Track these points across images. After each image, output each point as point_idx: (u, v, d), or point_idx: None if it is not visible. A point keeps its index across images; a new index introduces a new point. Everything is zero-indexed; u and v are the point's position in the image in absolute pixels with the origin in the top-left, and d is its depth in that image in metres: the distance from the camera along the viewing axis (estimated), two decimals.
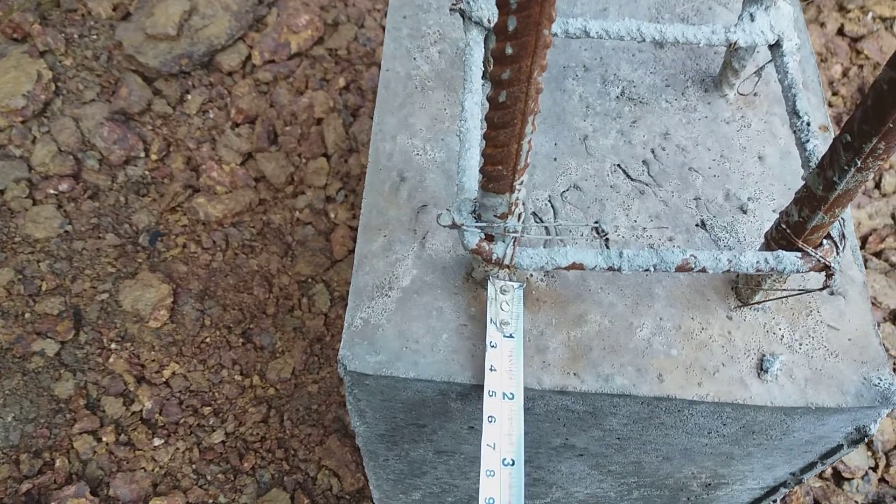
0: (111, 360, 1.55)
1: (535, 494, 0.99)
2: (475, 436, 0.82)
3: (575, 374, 0.71)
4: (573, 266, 0.66)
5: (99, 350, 1.56)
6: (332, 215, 1.76)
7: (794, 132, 0.73)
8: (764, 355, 0.72)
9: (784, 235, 0.66)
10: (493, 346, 0.69)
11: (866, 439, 0.75)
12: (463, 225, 0.67)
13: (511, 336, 0.70)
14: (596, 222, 0.79)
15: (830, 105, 1.91)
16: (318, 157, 1.82)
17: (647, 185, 0.81)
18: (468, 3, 0.78)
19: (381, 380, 0.71)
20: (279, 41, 1.92)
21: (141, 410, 1.50)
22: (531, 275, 0.76)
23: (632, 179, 0.81)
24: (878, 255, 1.72)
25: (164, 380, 1.53)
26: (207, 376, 1.55)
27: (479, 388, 0.71)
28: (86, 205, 1.73)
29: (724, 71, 0.86)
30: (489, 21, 0.78)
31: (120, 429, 1.49)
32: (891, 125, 0.54)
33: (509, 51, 0.50)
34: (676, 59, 0.90)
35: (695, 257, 0.66)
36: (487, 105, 0.56)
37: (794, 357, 0.72)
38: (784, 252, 0.66)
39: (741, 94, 0.87)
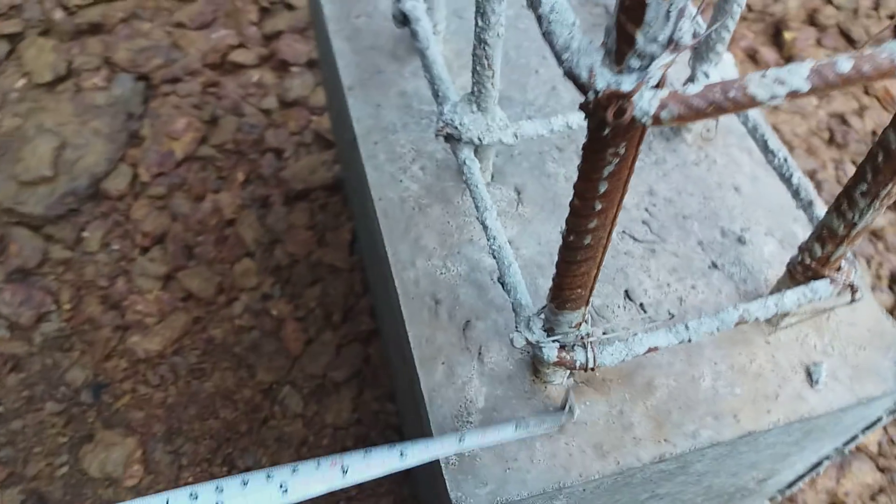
0: None
1: None
2: None
3: (665, 440, 0.76)
4: (650, 350, 0.71)
5: None
6: (275, 312, 1.72)
7: (775, 169, 0.82)
8: (808, 367, 0.81)
9: (809, 268, 0.74)
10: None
11: None
12: (539, 342, 0.71)
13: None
14: (626, 293, 0.84)
15: None
16: (242, 259, 1.77)
17: (654, 242, 0.87)
18: (456, 128, 0.80)
19: None
20: (162, 151, 1.84)
21: None
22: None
23: (640, 241, 0.87)
24: None
25: None
26: None
27: (586, 482, 0.74)
28: (10, 379, 1.59)
29: None
30: (479, 139, 0.80)
31: None
32: None
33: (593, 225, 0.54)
34: None
35: (748, 311, 0.72)
36: (562, 238, 0.58)
37: (833, 360, 0.81)
38: (816, 282, 0.74)
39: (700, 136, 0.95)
